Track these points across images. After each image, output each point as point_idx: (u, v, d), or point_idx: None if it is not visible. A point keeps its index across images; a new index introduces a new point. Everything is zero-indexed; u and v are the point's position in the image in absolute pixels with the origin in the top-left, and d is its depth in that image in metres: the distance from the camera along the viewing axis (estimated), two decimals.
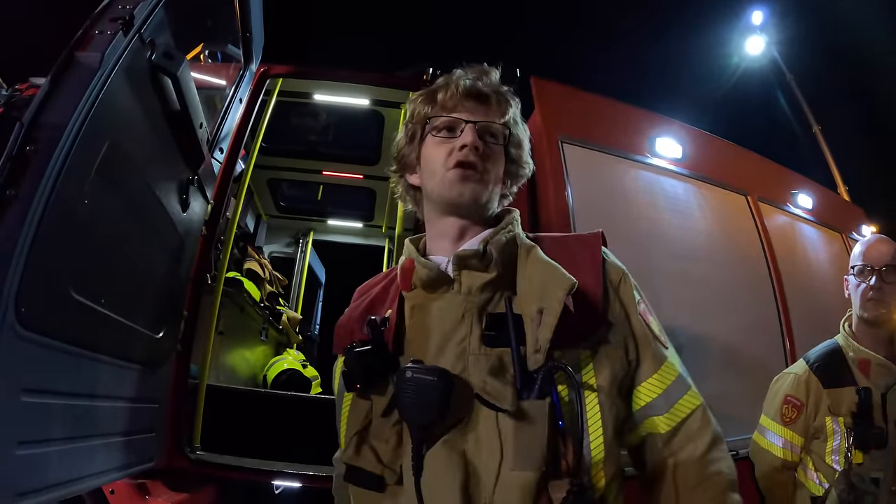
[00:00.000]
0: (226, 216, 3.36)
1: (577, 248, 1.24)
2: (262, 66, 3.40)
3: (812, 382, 2.21)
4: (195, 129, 2.32)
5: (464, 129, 1.22)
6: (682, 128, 4.06)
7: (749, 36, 11.80)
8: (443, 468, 1.04)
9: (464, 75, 1.27)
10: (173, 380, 2.55)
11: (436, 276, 1.16)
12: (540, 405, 1.02)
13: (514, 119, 1.29)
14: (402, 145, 1.34)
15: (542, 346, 1.03)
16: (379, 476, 1.11)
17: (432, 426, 1.04)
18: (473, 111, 1.24)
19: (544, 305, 1.06)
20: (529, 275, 1.15)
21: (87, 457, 1.83)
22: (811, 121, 10.10)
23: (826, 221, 4.92)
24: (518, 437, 1.02)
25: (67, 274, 1.62)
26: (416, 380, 1.03)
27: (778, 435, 2.26)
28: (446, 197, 1.21)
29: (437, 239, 1.27)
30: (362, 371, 1.14)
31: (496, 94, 1.26)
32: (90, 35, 1.74)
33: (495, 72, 1.30)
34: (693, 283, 3.41)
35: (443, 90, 1.26)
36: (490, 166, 1.22)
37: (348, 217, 6.58)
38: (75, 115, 1.59)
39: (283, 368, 4.91)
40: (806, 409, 2.20)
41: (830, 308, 4.21)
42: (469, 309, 1.13)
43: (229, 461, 2.70)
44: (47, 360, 1.56)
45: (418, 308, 1.18)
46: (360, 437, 1.16)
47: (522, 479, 0.99)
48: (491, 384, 1.06)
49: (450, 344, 1.11)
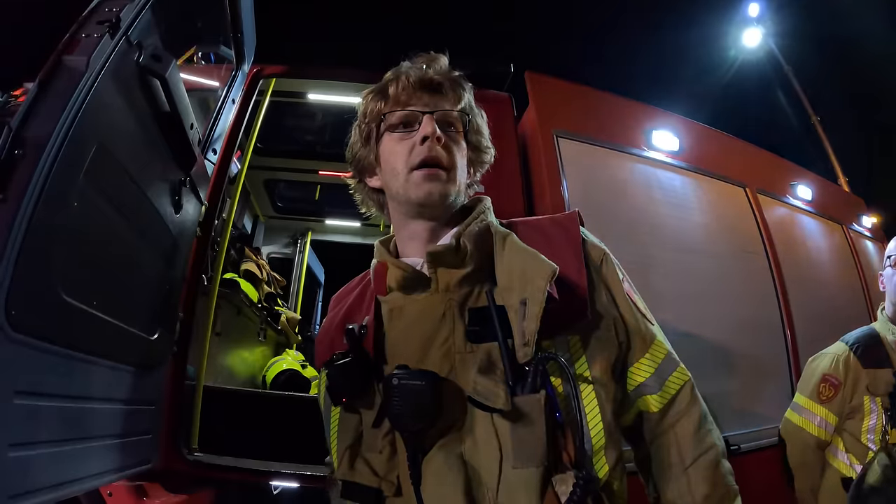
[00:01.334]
0: (221, 217, 3.36)
1: (553, 231, 1.21)
2: (254, 66, 3.39)
3: (852, 362, 2.31)
4: (186, 130, 2.32)
5: (422, 120, 1.17)
6: (678, 120, 4.05)
7: (746, 28, 11.80)
8: (442, 473, 1.02)
9: (412, 65, 1.24)
10: (170, 381, 2.55)
11: (412, 276, 1.14)
12: (535, 400, 1.00)
13: (469, 105, 1.26)
14: (356, 148, 1.30)
15: (531, 339, 1.01)
16: (377, 489, 1.10)
17: (425, 432, 1.02)
18: (429, 102, 1.20)
19: (527, 295, 1.03)
20: (508, 264, 1.11)
21: (81, 459, 1.83)
22: (810, 112, 10.08)
23: (826, 213, 4.91)
24: (516, 435, 1.00)
25: (57, 276, 1.62)
26: (404, 386, 1.00)
27: (814, 413, 2.35)
28: (413, 198, 1.17)
29: (408, 241, 1.24)
30: (346, 384, 1.11)
31: (449, 81, 1.23)
32: (77, 39, 1.73)
33: (444, 57, 1.26)
34: (692, 277, 3.40)
35: (393, 83, 1.22)
36: (454, 159, 1.19)
37: (346, 216, 6.58)
38: (62, 119, 1.59)
39: (282, 369, 4.91)
40: (843, 388, 2.29)
41: (832, 300, 4.22)
42: (449, 306, 1.10)
43: (227, 462, 2.69)
44: (39, 363, 1.56)
45: (396, 311, 1.16)
46: (352, 452, 1.14)
47: (526, 476, 0.98)
48: (481, 383, 1.03)
49: (434, 345, 1.09)
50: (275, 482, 2.87)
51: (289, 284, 6.50)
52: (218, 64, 3.25)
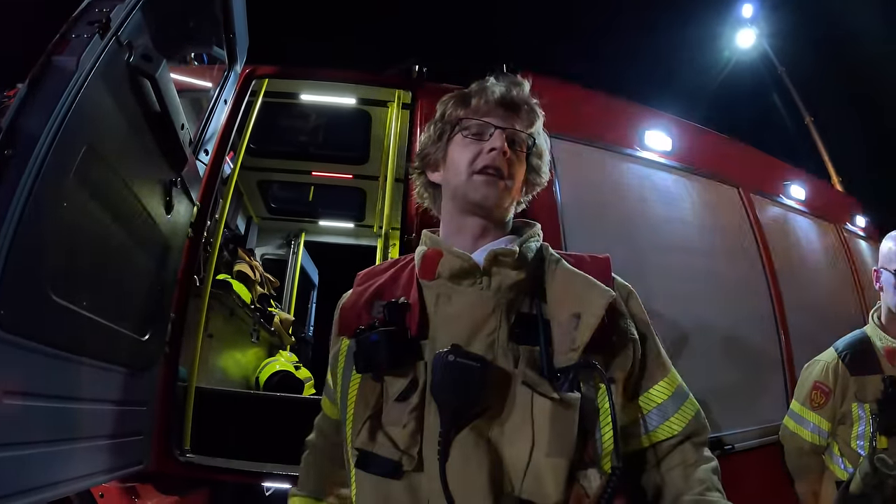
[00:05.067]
0: (214, 218, 3.36)
1: (590, 268, 1.31)
2: (247, 66, 3.38)
3: (840, 369, 2.34)
4: (176, 130, 2.32)
5: (493, 133, 1.28)
6: (671, 120, 4.04)
7: (740, 29, 11.86)
8: (469, 453, 1.08)
9: (497, 84, 1.33)
10: (161, 382, 2.54)
11: (468, 267, 1.20)
12: (575, 397, 1.09)
13: (539, 130, 1.36)
14: (427, 143, 1.40)
15: (581, 346, 1.11)
16: (396, 462, 1.12)
17: (466, 411, 1.08)
18: (504, 118, 1.30)
19: (583, 311, 1.15)
20: (560, 283, 1.23)
21: (72, 459, 1.83)
22: (803, 112, 10.13)
23: (820, 212, 4.90)
24: (554, 425, 1.06)
25: (47, 277, 1.62)
26: (458, 363, 1.07)
27: (807, 419, 2.40)
28: (471, 198, 1.27)
29: (457, 235, 1.32)
30: (385, 353, 1.15)
31: (526, 105, 1.33)
32: (67, 39, 1.74)
33: (527, 84, 1.36)
34: (685, 277, 3.39)
35: (477, 96, 1.32)
36: (514, 172, 1.29)
37: (339, 218, 6.58)
38: (52, 120, 1.59)
39: (275, 370, 4.90)
40: (834, 395, 2.33)
41: (825, 299, 4.23)
42: (500, 304, 1.18)
43: (220, 463, 2.69)
44: (28, 363, 1.56)
45: (444, 297, 1.23)
46: (373, 423, 1.17)
47: (556, 465, 1.05)
48: (530, 375, 1.11)
49: (480, 335, 1.16)
50: (268, 483, 2.87)
51: (282, 286, 6.48)
52: (210, 64, 3.25)
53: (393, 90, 3.83)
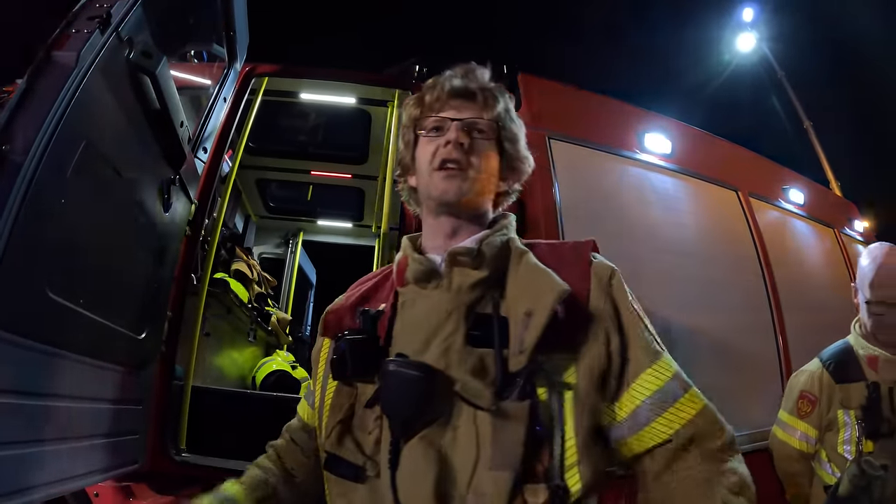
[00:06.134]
0: (212, 216, 3.34)
1: (567, 254, 1.25)
2: (247, 64, 3.37)
3: (825, 378, 2.44)
4: (176, 128, 2.30)
5: (449, 127, 1.25)
6: (671, 123, 4.06)
7: (740, 32, 11.89)
8: (417, 463, 1.04)
9: (451, 75, 1.30)
10: (157, 381, 2.53)
11: (426, 270, 1.18)
12: (520, 406, 1.01)
13: (503, 114, 1.31)
14: (400, 149, 1.38)
15: (527, 348, 1.03)
16: (360, 467, 1.11)
17: (412, 420, 1.05)
18: (460, 109, 1.27)
19: (533, 308, 1.06)
20: (520, 278, 1.15)
21: (67, 458, 1.81)
22: (802, 117, 10.15)
23: (818, 217, 4.92)
24: (496, 437, 1.01)
25: (43, 274, 1.60)
26: (399, 373, 1.04)
27: (795, 428, 2.49)
28: (433, 195, 1.24)
29: (431, 237, 1.29)
30: (354, 360, 1.14)
31: (482, 91, 1.29)
32: (67, 34, 1.72)
33: (483, 70, 1.32)
34: (684, 280, 3.41)
35: (430, 92, 1.30)
36: (476, 160, 1.24)
37: (338, 217, 6.56)
38: (51, 115, 1.58)
39: (271, 369, 4.88)
40: (820, 404, 2.42)
41: (823, 303, 4.23)
42: (457, 306, 1.13)
43: (215, 463, 2.67)
44: (24, 361, 1.54)
45: (409, 302, 1.20)
46: (342, 427, 1.16)
47: (499, 480, 0.99)
48: (471, 383, 1.06)
49: (435, 340, 1.11)
50: None
51: (280, 285, 6.47)
52: (210, 62, 3.24)
53: (393, 90, 3.82)
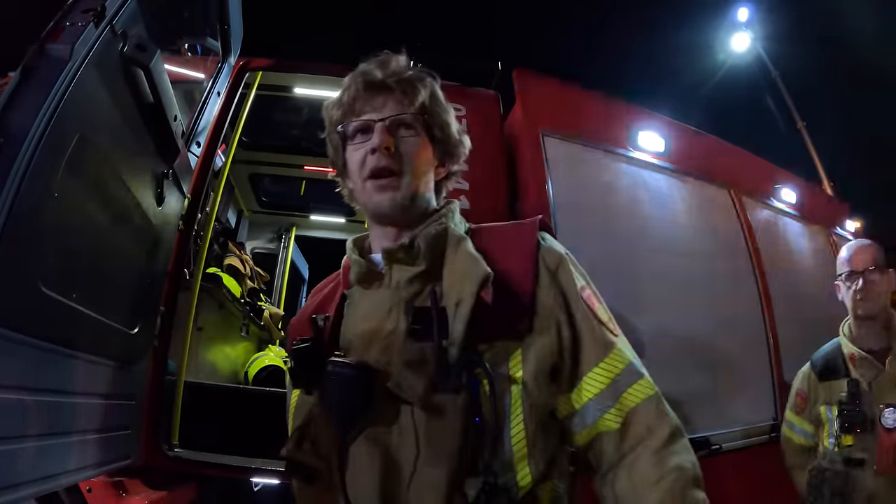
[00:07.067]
0: (205, 211, 3.33)
1: (510, 237, 1.21)
2: (241, 59, 3.36)
3: (811, 377, 2.61)
4: (169, 122, 2.29)
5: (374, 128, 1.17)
6: (665, 121, 4.06)
7: (735, 32, 11.94)
8: (362, 463, 1.05)
9: (365, 70, 1.22)
10: (150, 376, 2.52)
11: (366, 271, 1.18)
12: (452, 399, 1.00)
13: (427, 101, 1.23)
14: (330, 154, 1.32)
15: (456, 339, 1.02)
16: (315, 469, 1.12)
17: (351, 421, 1.05)
18: (381, 107, 1.19)
19: (460, 297, 1.05)
20: (453, 267, 1.13)
21: (59, 454, 1.80)
22: (796, 117, 10.21)
23: (810, 216, 4.95)
24: (431, 432, 1.01)
25: (36, 268, 1.59)
26: (337, 374, 1.04)
27: (795, 423, 2.69)
28: (369, 207, 1.21)
29: (377, 240, 1.26)
30: (303, 367, 1.13)
31: (400, 83, 1.20)
32: (61, 27, 1.71)
33: (399, 57, 1.24)
34: (675, 278, 3.42)
35: (346, 90, 1.22)
36: (408, 164, 1.18)
37: (331, 212, 6.53)
38: (45, 108, 1.57)
39: (264, 364, 4.86)
40: (809, 400, 2.61)
41: (814, 302, 4.25)
42: (397, 303, 1.12)
43: (208, 458, 2.67)
44: (15, 355, 1.53)
45: (353, 304, 1.20)
46: (301, 432, 1.16)
47: (435, 476, 0.98)
48: (406, 377, 1.04)
49: (377, 338, 1.11)
50: (256, 479, 2.85)
51: (272, 280, 6.45)
52: (204, 56, 3.22)
53: None
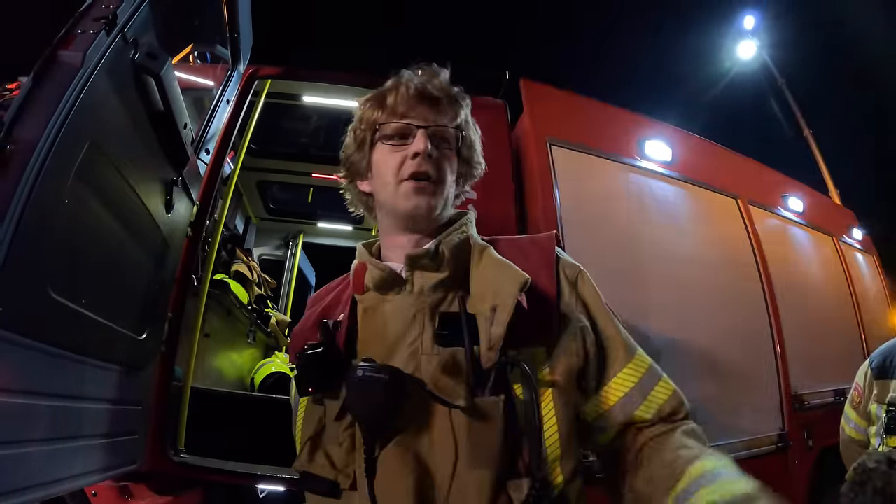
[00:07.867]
0: (213, 218, 3.34)
1: (530, 249, 1.24)
2: (250, 67, 3.38)
3: (868, 373, 2.61)
4: (179, 129, 2.31)
5: (416, 134, 1.19)
6: (671, 130, 4.07)
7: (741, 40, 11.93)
8: (395, 470, 1.02)
9: (413, 77, 1.23)
10: (157, 382, 2.53)
11: (388, 277, 1.16)
12: (494, 402, 1.01)
13: (465, 120, 1.27)
14: (350, 151, 1.30)
15: (496, 343, 1.02)
16: (333, 481, 1.10)
17: (384, 426, 1.03)
18: (425, 115, 1.20)
19: (497, 303, 1.05)
20: (482, 274, 1.14)
21: (66, 458, 1.81)
22: (802, 125, 10.18)
23: (817, 225, 4.94)
24: (473, 435, 1.01)
25: (46, 274, 1.60)
26: (367, 378, 1.01)
27: (850, 417, 2.72)
28: (401, 209, 1.19)
29: (392, 248, 1.25)
30: (314, 374, 1.12)
31: (447, 97, 1.23)
32: (73, 34, 1.73)
33: (445, 72, 1.26)
34: (683, 287, 3.41)
35: (392, 93, 1.22)
36: (444, 174, 1.20)
37: (338, 220, 6.55)
38: (56, 115, 1.58)
39: (270, 371, 4.88)
40: (864, 396, 2.60)
41: (822, 311, 4.24)
42: (421, 309, 1.12)
43: (214, 464, 2.67)
44: (25, 360, 1.54)
45: (370, 310, 1.18)
46: (313, 443, 1.15)
47: (479, 478, 0.98)
48: (443, 381, 1.05)
49: (402, 344, 1.10)
50: (261, 485, 2.85)
51: (279, 287, 6.46)
52: (214, 64, 3.24)
53: None
